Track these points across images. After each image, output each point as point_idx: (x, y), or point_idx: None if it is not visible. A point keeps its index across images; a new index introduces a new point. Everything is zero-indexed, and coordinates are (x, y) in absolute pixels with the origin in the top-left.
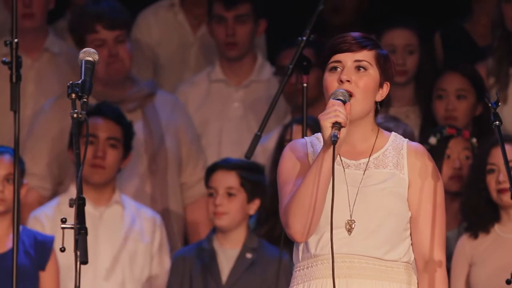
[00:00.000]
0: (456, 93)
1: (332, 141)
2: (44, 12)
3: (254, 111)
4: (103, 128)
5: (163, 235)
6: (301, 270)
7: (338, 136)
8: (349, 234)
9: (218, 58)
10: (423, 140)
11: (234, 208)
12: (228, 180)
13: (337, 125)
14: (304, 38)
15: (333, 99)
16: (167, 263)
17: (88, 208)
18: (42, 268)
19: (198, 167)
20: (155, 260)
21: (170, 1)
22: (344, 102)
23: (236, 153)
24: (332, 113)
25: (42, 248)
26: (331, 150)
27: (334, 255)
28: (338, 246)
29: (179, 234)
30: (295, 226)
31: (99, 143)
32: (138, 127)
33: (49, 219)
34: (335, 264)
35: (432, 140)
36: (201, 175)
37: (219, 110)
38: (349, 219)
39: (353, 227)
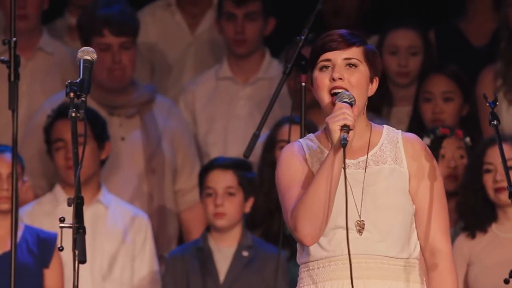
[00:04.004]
0: (442, 95)
1: (342, 144)
2: (38, 13)
3: (260, 108)
4: (67, 129)
5: (148, 235)
6: (310, 271)
7: (348, 139)
8: (360, 235)
9: (226, 56)
10: None
11: (234, 207)
12: (226, 179)
13: (345, 128)
14: (303, 37)
15: (339, 101)
16: (149, 262)
17: (69, 208)
18: (46, 265)
19: (194, 174)
20: (137, 260)
21: (167, 1)
22: (351, 105)
23: (242, 151)
24: (341, 116)
25: (45, 246)
26: (340, 153)
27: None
28: (352, 247)
29: (175, 234)
30: (305, 230)
31: (67, 145)
32: (136, 132)
33: (29, 214)
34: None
35: (426, 141)
36: (196, 182)
37: (225, 108)
38: (358, 219)
39: (363, 227)
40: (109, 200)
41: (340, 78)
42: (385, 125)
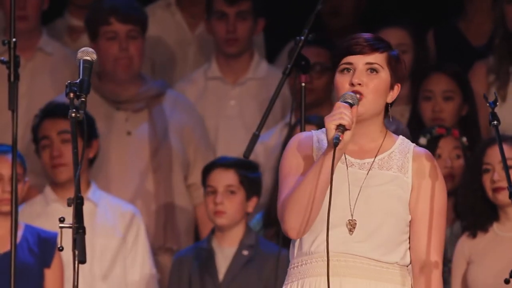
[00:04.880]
0: (443, 94)
1: (334, 143)
2: (38, 14)
3: (250, 109)
4: (53, 128)
5: (140, 231)
6: (295, 268)
7: (340, 138)
8: (351, 234)
9: (215, 55)
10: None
11: (234, 206)
12: (227, 178)
13: (341, 128)
14: (303, 37)
15: (342, 101)
16: (141, 257)
17: (58, 207)
18: (48, 265)
19: None
20: (129, 256)
21: (167, 1)
22: (351, 105)
23: (232, 151)
24: (337, 115)
25: (46, 245)
26: (335, 151)
27: (331, 253)
28: (336, 245)
29: (188, 231)
30: (291, 222)
31: (53, 143)
32: (144, 127)
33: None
34: (330, 262)
35: (422, 141)
36: None
37: (215, 108)
38: (350, 218)
39: (354, 227)
40: (98, 197)
41: (359, 84)
42: (400, 136)
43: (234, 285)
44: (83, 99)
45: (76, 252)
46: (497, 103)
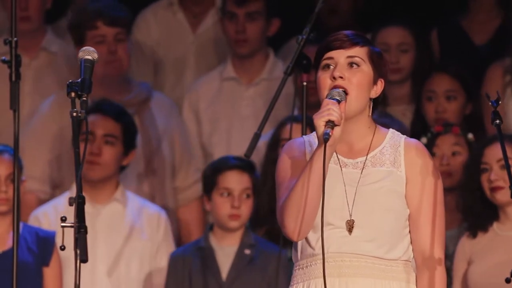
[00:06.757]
0: (445, 94)
1: (324, 139)
2: (40, 14)
3: (264, 109)
4: (100, 125)
5: (167, 232)
6: (300, 269)
7: (330, 134)
8: (350, 234)
9: (230, 56)
10: None
11: (248, 209)
12: (244, 181)
13: (330, 124)
14: (304, 36)
15: (329, 98)
16: (165, 261)
17: (86, 207)
18: (46, 264)
19: (190, 171)
20: (156, 257)
21: (169, 0)
22: (339, 102)
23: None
24: (326, 112)
25: (45, 244)
26: (327, 149)
27: (334, 254)
28: (339, 245)
29: (175, 233)
30: (290, 225)
31: (95, 140)
32: None
33: (48, 218)
34: (335, 263)
35: (423, 140)
36: (193, 179)
37: (229, 108)
38: (349, 219)
39: (353, 226)
40: (126, 198)
41: (341, 77)
42: (390, 129)
43: (237, 284)
44: (84, 98)
45: (78, 251)
46: (500, 102)
